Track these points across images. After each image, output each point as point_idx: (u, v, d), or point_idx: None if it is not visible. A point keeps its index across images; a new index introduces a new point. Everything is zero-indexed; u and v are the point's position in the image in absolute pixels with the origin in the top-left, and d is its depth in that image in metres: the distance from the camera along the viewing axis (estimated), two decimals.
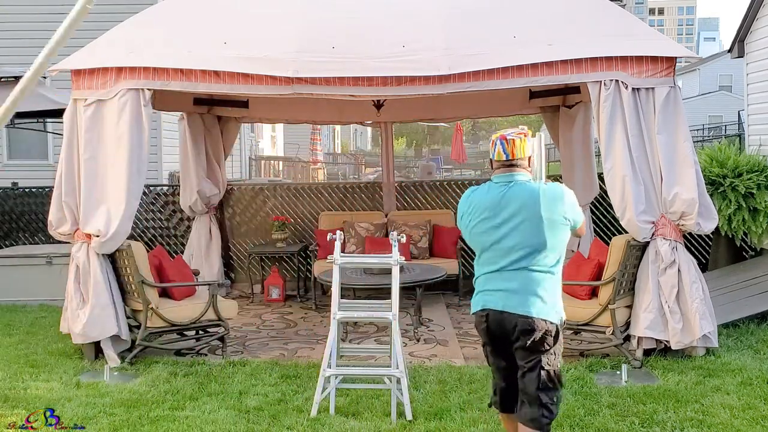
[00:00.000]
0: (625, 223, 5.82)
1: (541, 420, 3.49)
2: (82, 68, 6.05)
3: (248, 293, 9.01)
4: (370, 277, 7.04)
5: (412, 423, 4.62)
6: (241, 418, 4.75)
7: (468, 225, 3.66)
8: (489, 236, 3.56)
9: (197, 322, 6.29)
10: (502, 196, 3.57)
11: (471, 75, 5.79)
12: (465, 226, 3.70)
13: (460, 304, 8.34)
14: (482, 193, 3.65)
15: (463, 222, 3.70)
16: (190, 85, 6.04)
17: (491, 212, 3.56)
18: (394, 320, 4.87)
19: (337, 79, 5.86)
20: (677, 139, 5.74)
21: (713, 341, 5.85)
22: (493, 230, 3.55)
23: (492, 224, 3.56)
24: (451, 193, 9.56)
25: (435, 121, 15.82)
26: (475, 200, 3.65)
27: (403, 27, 6.04)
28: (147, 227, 9.78)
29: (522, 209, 3.51)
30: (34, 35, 12.91)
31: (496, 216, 3.55)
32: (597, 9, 6.34)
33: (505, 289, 3.51)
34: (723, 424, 4.52)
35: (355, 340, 6.84)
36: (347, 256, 5.42)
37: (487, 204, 3.59)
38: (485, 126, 53.66)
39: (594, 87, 5.80)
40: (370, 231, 8.81)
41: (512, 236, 3.50)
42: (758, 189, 8.28)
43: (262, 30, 6.13)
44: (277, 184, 10.37)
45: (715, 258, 8.89)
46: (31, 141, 13.22)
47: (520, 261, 3.50)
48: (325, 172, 26.76)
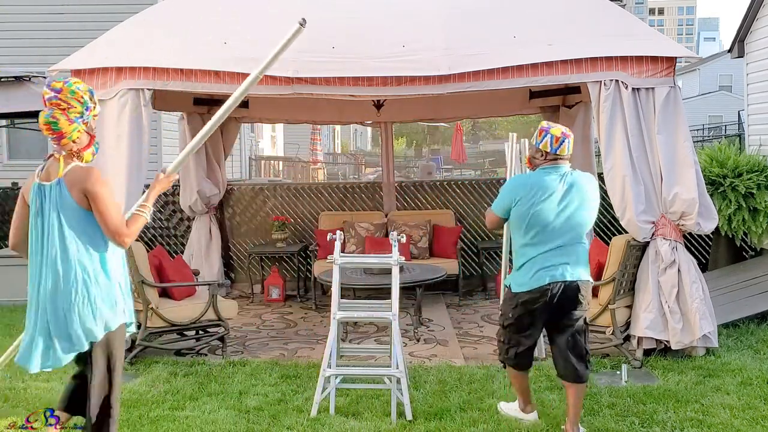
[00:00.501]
0: (625, 223, 5.82)
1: (587, 374, 4.40)
2: (82, 68, 6.05)
3: (248, 293, 9.02)
4: (370, 277, 7.04)
5: (412, 423, 4.62)
6: (241, 418, 4.75)
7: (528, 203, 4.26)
8: (551, 216, 4.25)
9: (197, 322, 6.29)
10: (566, 181, 4.30)
11: (471, 75, 5.80)
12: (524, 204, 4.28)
13: (460, 304, 8.34)
14: (540, 177, 4.32)
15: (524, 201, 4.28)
16: (190, 85, 6.04)
17: (555, 194, 4.26)
18: (394, 320, 4.87)
19: (337, 79, 5.86)
20: (677, 139, 5.74)
21: (713, 341, 5.85)
22: (555, 210, 4.25)
23: (553, 205, 4.25)
24: (451, 193, 9.55)
25: (435, 121, 15.83)
26: (536, 183, 4.30)
27: (403, 27, 6.05)
28: (147, 227, 9.76)
29: (578, 192, 4.29)
30: (34, 35, 12.96)
31: (560, 198, 4.26)
32: (597, 9, 6.34)
33: (567, 263, 4.26)
34: (723, 424, 4.52)
35: (355, 340, 6.84)
36: (347, 256, 5.42)
37: (552, 187, 4.27)
38: (485, 126, 53.67)
39: (594, 87, 5.80)
40: (370, 231, 8.81)
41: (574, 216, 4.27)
42: (758, 189, 8.28)
43: (262, 30, 6.12)
44: (277, 184, 10.37)
45: (715, 258, 8.89)
46: (31, 141, 13.20)
47: (577, 238, 4.30)
48: (325, 172, 26.76)
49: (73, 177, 3.53)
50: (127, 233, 3.54)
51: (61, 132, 3.53)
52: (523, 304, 4.34)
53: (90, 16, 12.44)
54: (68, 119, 3.54)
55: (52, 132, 3.54)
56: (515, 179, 4.63)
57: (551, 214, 4.25)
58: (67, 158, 3.58)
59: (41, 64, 9.11)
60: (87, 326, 3.51)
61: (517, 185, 4.42)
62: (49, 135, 3.57)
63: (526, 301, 4.33)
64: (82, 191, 3.50)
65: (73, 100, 3.55)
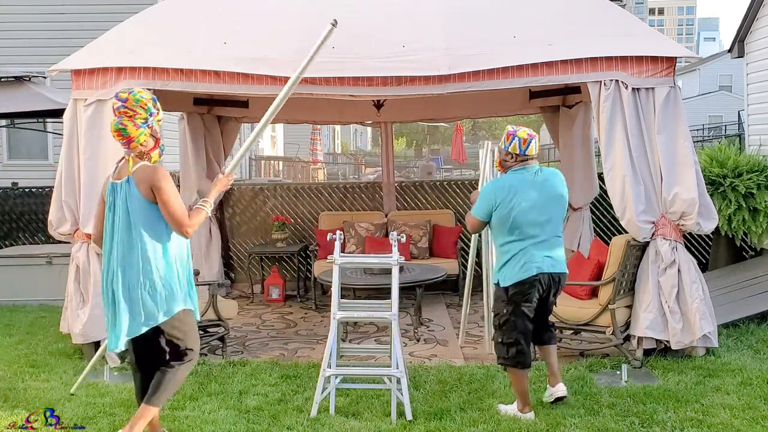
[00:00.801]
0: (625, 223, 5.82)
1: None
2: (82, 68, 6.05)
3: (248, 293, 9.01)
4: (370, 277, 7.04)
5: (412, 423, 4.62)
6: (241, 418, 4.75)
7: (509, 206, 4.51)
8: (531, 214, 4.52)
9: (197, 322, 6.27)
10: (538, 179, 4.59)
11: (471, 75, 5.80)
12: (505, 207, 4.52)
13: (460, 304, 8.33)
14: (515, 178, 4.59)
15: (504, 204, 4.53)
16: (190, 85, 6.04)
17: (531, 192, 4.54)
18: (394, 320, 4.87)
19: (337, 79, 5.86)
20: (677, 139, 5.74)
21: (713, 341, 5.85)
22: (534, 207, 4.53)
23: (531, 202, 4.52)
24: (451, 193, 9.55)
25: (435, 121, 15.82)
26: (513, 184, 4.56)
27: (403, 27, 6.04)
28: None
29: (551, 188, 4.62)
30: (34, 35, 12.97)
31: (537, 195, 4.54)
32: (597, 9, 6.34)
33: (550, 256, 4.58)
34: (723, 424, 4.52)
35: (355, 340, 6.84)
36: (347, 256, 5.43)
37: (528, 186, 4.56)
38: (485, 126, 53.68)
39: (594, 87, 5.80)
40: (370, 231, 8.81)
41: (549, 210, 4.58)
42: (758, 189, 8.28)
43: (262, 30, 6.13)
44: (277, 184, 10.37)
45: (715, 258, 8.89)
46: (31, 141, 13.22)
47: (555, 231, 4.63)
48: (325, 172, 26.74)
49: (141, 174, 3.93)
50: (188, 224, 3.95)
51: (130, 137, 3.94)
52: (513, 297, 4.60)
53: (90, 16, 12.45)
54: (135, 125, 3.94)
55: (122, 137, 3.95)
56: (492, 184, 4.82)
57: (531, 212, 4.54)
58: (136, 159, 3.98)
59: (41, 64, 9.13)
60: (149, 310, 3.94)
61: (495, 189, 4.66)
62: (119, 140, 3.97)
63: (516, 293, 4.59)
64: (149, 186, 3.90)
65: (138, 107, 3.95)
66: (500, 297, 4.69)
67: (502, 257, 4.66)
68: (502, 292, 4.66)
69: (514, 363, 4.64)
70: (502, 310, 4.66)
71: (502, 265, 4.65)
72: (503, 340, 4.65)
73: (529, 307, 4.61)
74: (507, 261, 4.62)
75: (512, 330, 4.62)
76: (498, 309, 4.72)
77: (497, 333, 4.73)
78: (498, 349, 4.73)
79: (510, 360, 4.64)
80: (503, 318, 4.65)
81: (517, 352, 4.62)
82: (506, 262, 4.62)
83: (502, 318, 4.65)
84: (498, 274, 4.70)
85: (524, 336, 4.63)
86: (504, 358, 4.68)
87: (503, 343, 4.65)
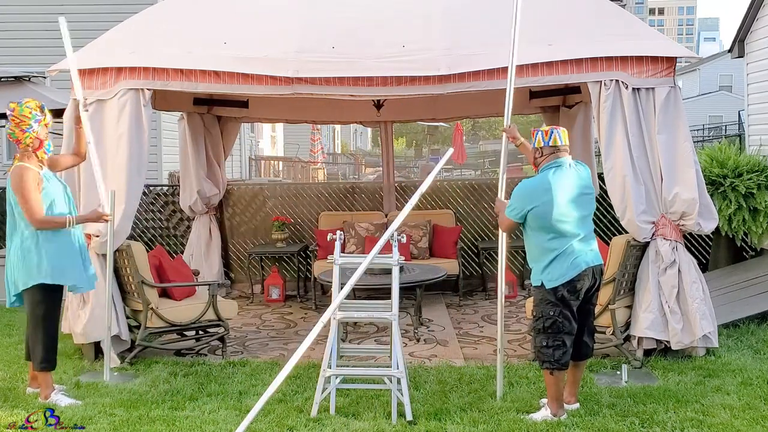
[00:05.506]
0: (626, 223, 5.82)
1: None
2: (82, 68, 6.03)
3: (248, 293, 9.01)
4: (370, 277, 7.02)
5: (413, 423, 4.62)
6: (241, 418, 4.73)
7: (547, 204, 4.45)
8: (571, 210, 4.50)
9: (197, 322, 6.29)
10: (572, 174, 4.56)
11: (471, 75, 5.80)
12: (543, 206, 4.46)
13: (460, 304, 8.34)
14: (548, 177, 4.51)
15: (542, 203, 4.46)
16: (190, 85, 6.04)
17: (567, 190, 4.51)
18: (394, 320, 4.87)
19: (337, 79, 5.86)
20: (677, 139, 5.74)
21: (713, 341, 5.84)
22: (572, 203, 4.51)
23: (568, 199, 4.50)
24: (451, 193, 9.55)
25: (435, 121, 15.80)
26: (548, 184, 4.48)
27: (403, 27, 6.04)
28: (147, 227, 9.77)
29: (585, 183, 4.62)
30: (34, 35, 12.96)
31: (573, 191, 4.53)
32: (597, 9, 6.34)
33: (593, 249, 4.60)
34: (723, 425, 4.51)
35: (355, 340, 6.84)
36: (347, 256, 5.42)
37: (564, 182, 4.51)
38: (485, 126, 53.68)
39: (594, 87, 5.80)
40: (370, 231, 8.81)
41: (585, 205, 4.60)
42: (758, 189, 8.28)
43: (262, 30, 6.13)
44: (277, 184, 10.37)
45: (715, 258, 8.89)
46: None
47: (591, 225, 4.67)
48: (325, 172, 26.75)
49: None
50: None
51: (17, 139, 4.89)
52: (562, 297, 4.48)
53: (90, 16, 12.44)
54: (21, 130, 4.88)
55: (12, 139, 4.92)
56: (526, 185, 4.66)
57: (569, 208, 4.50)
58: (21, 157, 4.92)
59: (41, 64, 9.11)
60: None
61: (530, 191, 4.59)
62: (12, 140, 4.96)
63: (567, 293, 4.48)
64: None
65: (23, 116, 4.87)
66: (545, 299, 4.51)
67: (544, 257, 4.51)
68: (548, 293, 4.48)
69: (559, 366, 4.51)
70: (548, 312, 4.48)
71: (546, 265, 4.49)
72: (549, 344, 4.49)
73: (576, 304, 4.53)
74: (552, 260, 4.48)
75: (559, 332, 4.49)
76: (544, 311, 4.52)
77: (542, 336, 4.54)
78: (543, 353, 4.54)
79: (556, 363, 4.49)
80: (549, 320, 4.48)
81: (563, 354, 4.51)
82: (551, 261, 4.48)
83: (548, 320, 4.49)
84: (542, 276, 4.52)
85: (570, 338, 4.53)
86: (551, 362, 4.50)
87: (549, 346, 4.49)
